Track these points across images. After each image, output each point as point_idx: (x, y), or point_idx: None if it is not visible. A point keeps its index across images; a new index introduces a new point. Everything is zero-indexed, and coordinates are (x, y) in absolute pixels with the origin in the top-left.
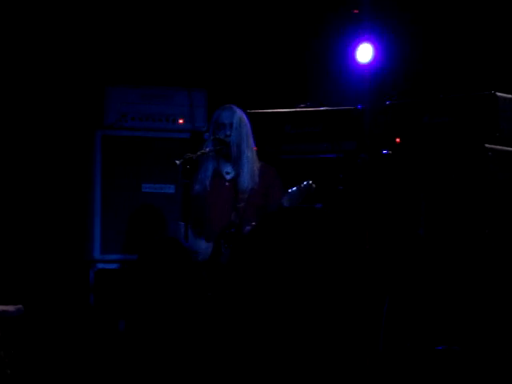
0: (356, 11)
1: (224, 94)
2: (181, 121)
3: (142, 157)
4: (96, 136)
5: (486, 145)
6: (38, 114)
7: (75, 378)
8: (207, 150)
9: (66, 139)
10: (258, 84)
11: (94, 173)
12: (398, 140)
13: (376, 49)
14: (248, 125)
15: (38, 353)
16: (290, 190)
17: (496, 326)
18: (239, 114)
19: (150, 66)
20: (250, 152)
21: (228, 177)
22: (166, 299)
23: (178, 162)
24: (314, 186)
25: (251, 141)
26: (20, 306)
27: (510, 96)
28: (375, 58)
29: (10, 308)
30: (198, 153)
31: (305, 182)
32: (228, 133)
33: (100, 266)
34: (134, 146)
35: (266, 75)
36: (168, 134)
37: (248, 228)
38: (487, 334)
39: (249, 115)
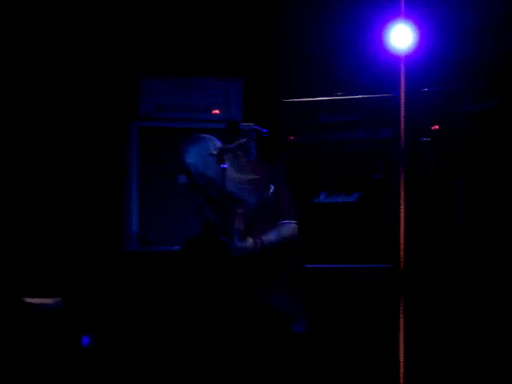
0: None
1: (260, 83)
2: (216, 111)
3: (177, 148)
4: (131, 127)
5: None
6: (74, 105)
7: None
8: (243, 140)
9: (102, 131)
10: (293, 72)
11: (130, 164)
12: (436, 127)
13: (413, 32)
14: None
15: (76, 345)
16: None
17: None
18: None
19: (185, 55)
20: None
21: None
22: (202, 299)
23: (214, 152)
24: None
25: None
26: (59, 298)
27: None
28: (412, 41)
29: (49, 301)
30: (236, 143)
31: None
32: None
33: (138, 257)
34: (170, 136)
35: (301, 63)
36: (203, 125)
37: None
38: None
39: (284, 104)
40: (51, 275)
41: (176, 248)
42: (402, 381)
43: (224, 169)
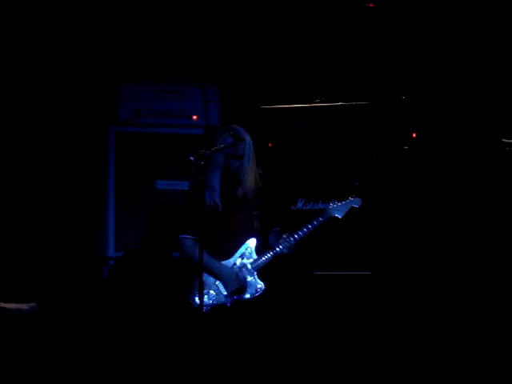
0: (371, 5)
1: (237, 89)
2: (194, 117)
3: (155, 153)
4: (110, 132)
5: (504, 139)
6: (53, 110)
7: (84, 374)
8: (221, 146)
9: (81, 135)
10: (271, 79)
11: (107, 169)
12: (414, 135)
13: (390, 43)
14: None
15: (51, 350)
16: (336, 203)
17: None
18: (249, 141)
19: (164, 62)
20: (253, 168)
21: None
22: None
23: (191, 158)
24: (360, 200)
25: (254, 159)
26: (34, 304)
27: None
28: (389, 52)
29: (24, 306)
30: (212, 149)
31: (350, 197)
32: (239, 166)
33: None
34: (148, 142)
35: (279, 71)
36: (182, 130)
37: (273, 235)
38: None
39: (263, 110)
40: (26, 280)
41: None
42: None
43: (200, 179)
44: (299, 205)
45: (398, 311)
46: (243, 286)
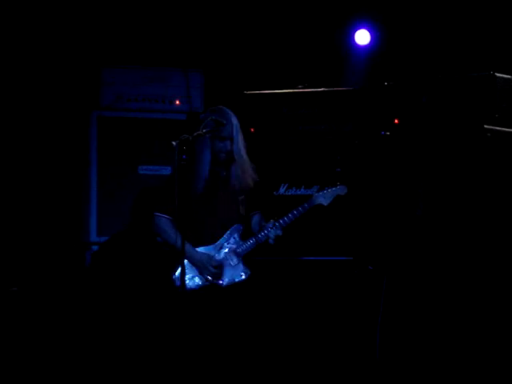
0: None
1: (221, 75)
2: (177, 102)
3: (138, 138)
4: (92, 117)
5: (485, 126)
6: (34, 94)
7: (67, 360)
8: (204, 130)
9: (62, 120)
10: (254, 65)
11: (90, 154)
12: (396, 121)
13: (374, 29)
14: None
15: (32, 335)
16: (322, 191)
17: (495, 308)
18: (237, 124)
19: (147, 46)
20: (244, 155)
21: (221, 174)
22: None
23: (174, 143)
24: (345, 188)
25: (244, 143)
26: (14, 288)
27: (508, 77)
28: (373, 38)
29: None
30: (195, 134)
31: (336, 186)
32: (229, 148)
33: (96, 248)
34: (130, 127)
35: (263, 56)
36: (164, 115)
37: (256, 217)
38: (486, 317)
39: (245, 96)
40: (8, 264)
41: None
42: None
43: (183, 159)
44: (281, 190)
45: (381, 296)
46: (218, 271)
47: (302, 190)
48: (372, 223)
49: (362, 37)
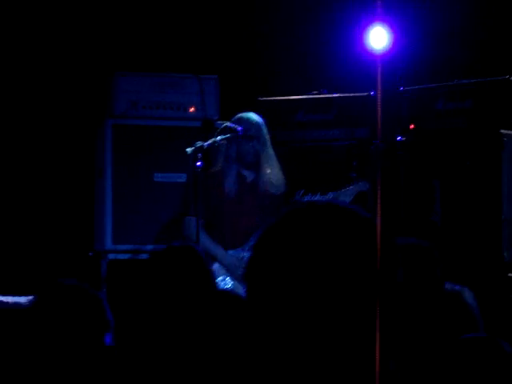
0: None
1: (235, 81)
2: (192, 109)
3: (152, 146)
4: (106, 125)
5: (501, 130)
6: (47, 102)
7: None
8: (218, 138)
9: (77, 128)
10: (269, 71)
11: (104, 162)
12: (412, 126)
13: (389, 33)
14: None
15: (50, 344)
16: (347, 187)
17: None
18: (263, 123)
19: (160, 52)
20: (272, 158)
21: (248, 179)
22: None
23: (188, 150)
24: (367, 183)
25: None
26: (32, 297)
27: None
28: (388, 42)
29: (22, 299)
30: (210, 141)
31: (356, 182)
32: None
33: (112, 256)
34: (145, 134)
35: (277, 62)
36: (179, 123)
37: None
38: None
39: (260, 102)
40: (24, 273)
41: (150, 247)
42: None
43: (198, 168)
44: (297, 197)
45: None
46: None
47: (318, 196)
48: (388, 228)
49: (378, 38)
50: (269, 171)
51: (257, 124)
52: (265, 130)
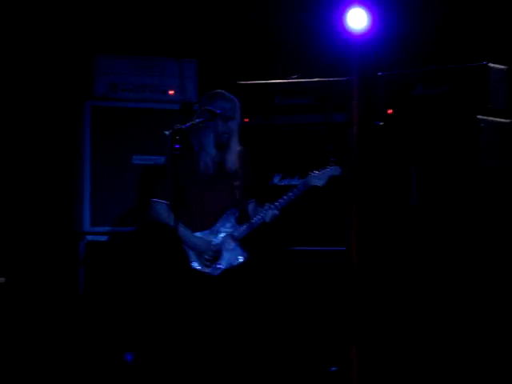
0: None
1: (214, 64)
2: (171, 92)
3: (131, 128)
4: (85, 107)
5: (478, 116)
6: (27, 85)
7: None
8: (197, 121)
9: (56, 110)
10: (248, 55)
11: (83, 144)
12: (390, 111)
13: (367, 15)
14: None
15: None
16: (315, 172)
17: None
18: (239, 105)
19: (140, 35)
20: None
21: (216, 159)
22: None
23: (167, 132)
24: (339, 168)
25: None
26: (2, 278)
27: (502, 67)
28: (367, 24)
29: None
30: (188, 124)
31: (329, 167)
32: (233, 128)
33: (90, 238)
34: (124, 117)
35: (256, 46)
36: (158, 105)
37: (252, 205)
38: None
39: (239, 86)
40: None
41: (128, 229)
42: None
43: (176, 149)
44: (276, 180)
45: (373, 287)
46: (216, 255)
47: (296, 179)
48: (366, 214)
49: (356, 19)
50: (236, 149)
51: (233, 103)
52: (239, 110)
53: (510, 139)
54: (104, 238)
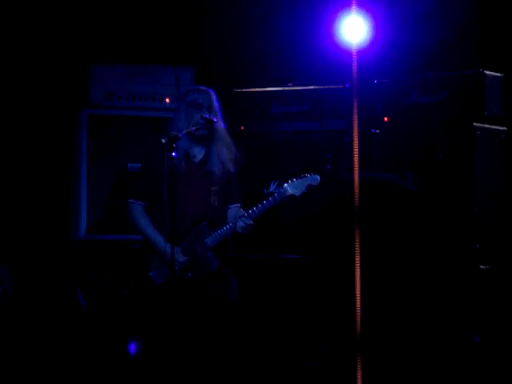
0: None
1: (210, 71)
2: (167, 99)
3: (127, 136)
4: (82, 115)
5: (474, 123)
6: (23, 93)
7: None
8: (193, 128)
9: (52, 118)
10: (245, 62)
11: (79, 152)
12: (386, 119)
13: (364, 23)
14: (220, 107)
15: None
16: (292, 180)
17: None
18: (215, 96)
19: (136, 43)
20: (225, 136)
21: (196, 159)
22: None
23: (163, 140)
24: (318, 177)
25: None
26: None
27: (498, 74)
28: (364, 33)
29: None
30: (184, 131)
31: (307, 174)
32: (206, 114)
33: (85, 245)
34: (120, 125)
35: (253, 53)
36: (154, 113)
37: (233, 211)
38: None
39: (235, 94)
40: None
41: (124, 236)
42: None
43: (172, 157)
44: (271, 188)
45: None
46: (186, 264)
47: None
48: (364, 222)
49: (353, 28)
50: (219, 148)
51: (207, 91)
52: (216, 101)
53: (506, 147)
54: (100, 246)
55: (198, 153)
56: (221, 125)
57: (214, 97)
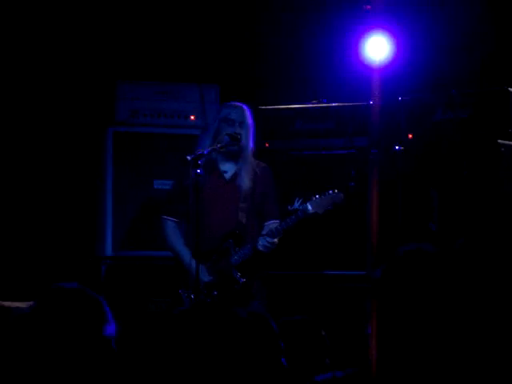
0: (368, 7)
1: (235, 89)
2: (192, 117)
3: (153, 153)
4: (108, 133)
5: (499, 140)
6: (49, 110)
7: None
8: (218, 146)
9: (78, 136)
10: (269, 80)
11: (105, 169)
12: (410, 136)
13: (388, 42)
14: (253, 125)
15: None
16: (315, 197)
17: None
18: (249, 113)
19: (162, 61)
20: (250, 153)
21: (227, 176)
22: None
23: (189, 157)
24: (342, 195)
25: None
26: (32, 302)
27: None
28: (387, 51)
29: (23, 305)
30: (209, 148)
31: (331, 191)
32: (238, 130)
33: (111, 262)
34: (146, 142)
35: (277, 71)
36: (179, 131)
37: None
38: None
39: (260, 111)
40: (24, 278)
41: (150, 253)
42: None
43: (198, 174)
44: (296, 205)
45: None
46: (212, 282)
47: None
48: (386, 238)
49: (377, 46)
50: (248, 165)
51: (241, 108)
52: (250, 118)
53: None
54: (126, 263)
55: (229, 169)
56: (248, 143)
57: (247, 113)
